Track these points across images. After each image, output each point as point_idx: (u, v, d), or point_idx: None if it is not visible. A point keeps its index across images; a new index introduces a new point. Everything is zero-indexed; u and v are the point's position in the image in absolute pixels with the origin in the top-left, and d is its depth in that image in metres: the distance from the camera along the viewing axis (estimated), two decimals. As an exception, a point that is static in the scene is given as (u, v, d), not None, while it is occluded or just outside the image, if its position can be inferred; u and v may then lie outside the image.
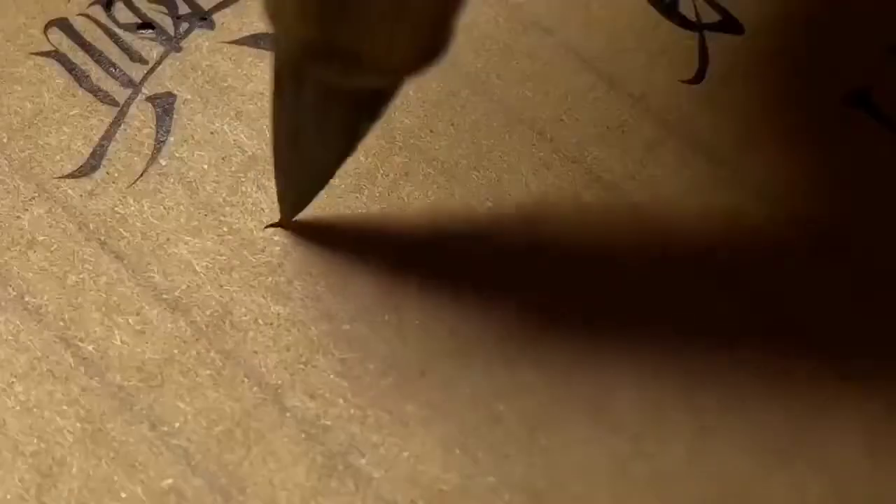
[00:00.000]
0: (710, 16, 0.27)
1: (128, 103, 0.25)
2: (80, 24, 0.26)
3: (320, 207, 0.24)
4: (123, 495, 0.21)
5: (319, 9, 0.19)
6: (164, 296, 0.23)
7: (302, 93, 0.20)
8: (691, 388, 0.23)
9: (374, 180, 0.24)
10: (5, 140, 0.24)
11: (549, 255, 0.24)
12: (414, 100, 0.25)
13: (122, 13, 0.26)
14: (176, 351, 0.23)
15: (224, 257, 0.23)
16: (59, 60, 0.25)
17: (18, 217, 0.24)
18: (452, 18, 0.19)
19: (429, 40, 0.19)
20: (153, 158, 0.24)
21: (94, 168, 0.24)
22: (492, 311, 0.23)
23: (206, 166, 0.24)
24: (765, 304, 0.23)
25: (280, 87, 0.21)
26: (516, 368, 0.23)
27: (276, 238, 0.24)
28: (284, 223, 0.24)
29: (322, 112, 0.21)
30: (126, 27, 0.26)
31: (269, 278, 0.23)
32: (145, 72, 0.25)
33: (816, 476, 0.22)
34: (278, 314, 0.23)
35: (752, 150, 0.25)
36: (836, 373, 0.23)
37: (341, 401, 0.22)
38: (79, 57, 0.25)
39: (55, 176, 0.24)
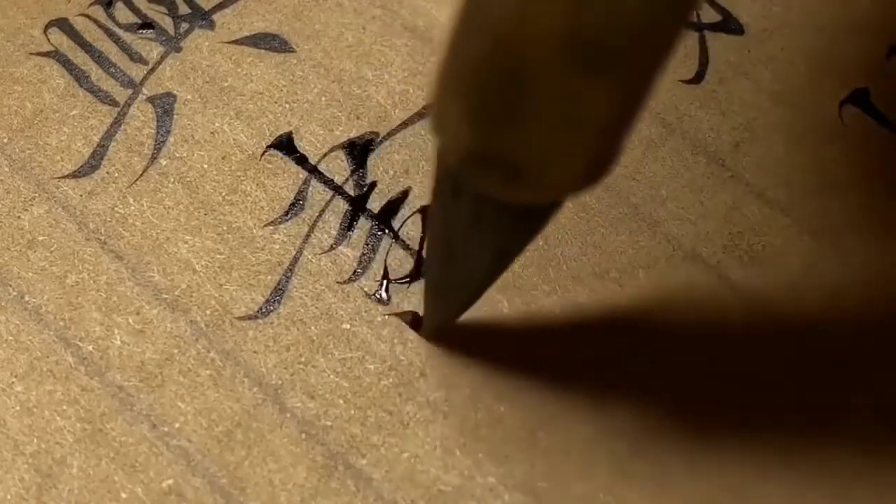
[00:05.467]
0: (710, 16, 0.27)
1: (128, 103, 0.25)
2: (80, 24, 0.26)
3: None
4: (123, 495, 0.21)
5: (485, 115, 0.17)
6: (164, 295, 0.23)
7: (458, 204, 0.19)
8: (691, 389, 0.23)
9: (378, 177, 0.24)
10: (5, 140, 0.24)
11: (547, 256, 0.24)
12: (413, 99, 0.25)
13: (122, 13, 0.26)
14: (176, 351, 0.22)
15: (224, 256, 0.23)
16: (59, 60, 0.25)
17: (18, 217, 0.24)
18: (625, 132, 0.18)
19: (596, 156, 0.18)
20: (153, 158, 0.24)
21: (94, 168, 0.24)
22: (491, 312, 0.23)
23: (205, 166, 0.24)
24: (763, 305, 0.23)
25: (437, 198, 0.20)
26: (516, 369, 0.23)
27: (275, 237, 0.24)
28: (426, 336, 0.23)
29: (476, 226, 0.19)
30: (126, 27, 0.26)
31: (269, 277, 0.23)
32: (145, 72, 0.25)
33: (816, 477, 0.22)
34: (278, 314, 0.23)
35: (751, 150, 0.25)
36: (835, 373, 0.23)
37: (341, 401, 0.22)
38: (79, 57, 0.25)
39: (55, 176, 0.24)
